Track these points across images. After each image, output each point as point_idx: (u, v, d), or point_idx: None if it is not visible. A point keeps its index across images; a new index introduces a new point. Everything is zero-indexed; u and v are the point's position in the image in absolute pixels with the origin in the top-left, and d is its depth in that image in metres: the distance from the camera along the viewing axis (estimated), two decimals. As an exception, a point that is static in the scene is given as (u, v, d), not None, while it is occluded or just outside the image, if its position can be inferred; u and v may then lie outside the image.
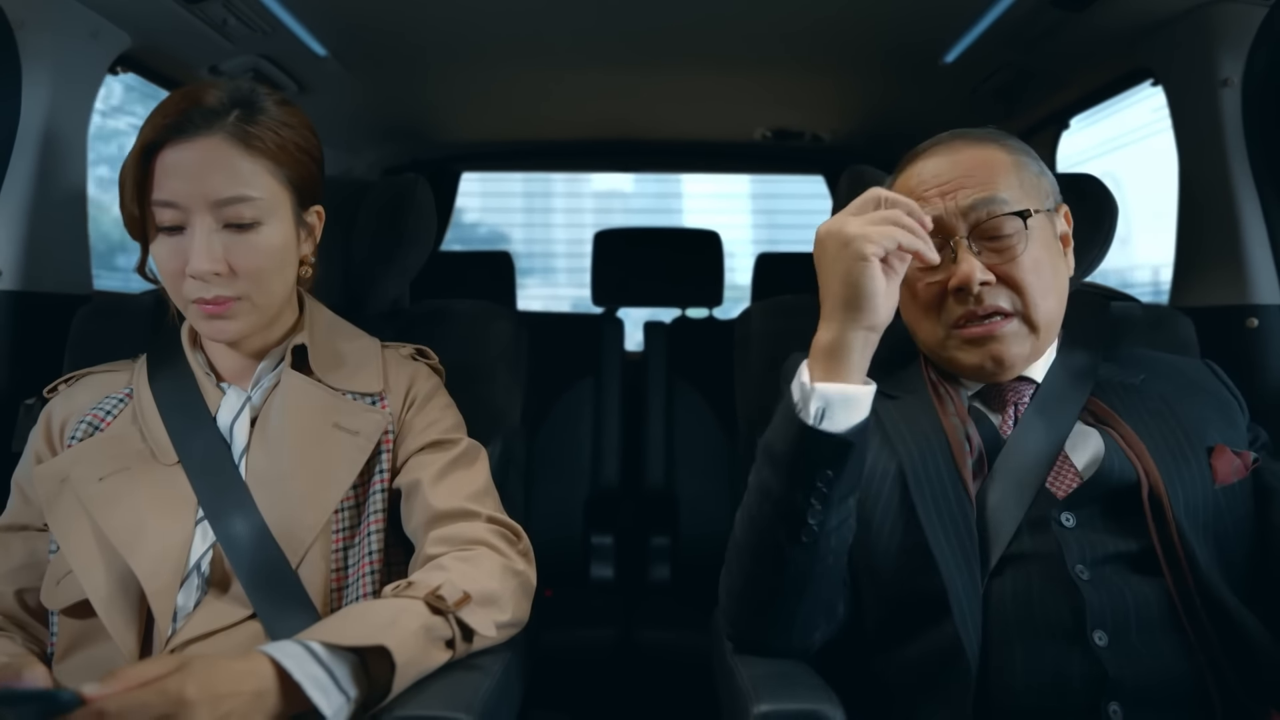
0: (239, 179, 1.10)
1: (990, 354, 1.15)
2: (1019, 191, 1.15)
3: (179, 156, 1.08)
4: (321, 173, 1.24)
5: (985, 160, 1.18)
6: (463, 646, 1.03)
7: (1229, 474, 1.10)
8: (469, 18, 1.99)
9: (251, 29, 1.96)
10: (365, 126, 2.91)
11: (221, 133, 1.10)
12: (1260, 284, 1.67)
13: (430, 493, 1.16)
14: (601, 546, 2.54)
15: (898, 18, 1.97)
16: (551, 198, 8.49)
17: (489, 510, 1.18)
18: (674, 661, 2.09)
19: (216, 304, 1.11)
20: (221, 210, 1.09)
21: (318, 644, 0.91)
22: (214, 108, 1.10)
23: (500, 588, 1.09)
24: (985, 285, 1.12)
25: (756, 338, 1.61)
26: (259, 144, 1.12)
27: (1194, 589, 1.02)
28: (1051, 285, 1.16)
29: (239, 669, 0.87)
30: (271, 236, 1.14)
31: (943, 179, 1.17)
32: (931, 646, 1.06)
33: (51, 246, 1.69)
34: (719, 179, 7.89)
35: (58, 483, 1.13)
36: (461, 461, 1.22)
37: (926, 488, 1.11)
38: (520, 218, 8.43)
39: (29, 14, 1.62)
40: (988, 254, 1.14)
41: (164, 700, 0.79)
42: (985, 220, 1.13)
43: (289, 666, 0.87)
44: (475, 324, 1.55)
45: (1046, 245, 1.16)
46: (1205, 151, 1.74)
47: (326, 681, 0.89)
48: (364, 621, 0.97)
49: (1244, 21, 1.66)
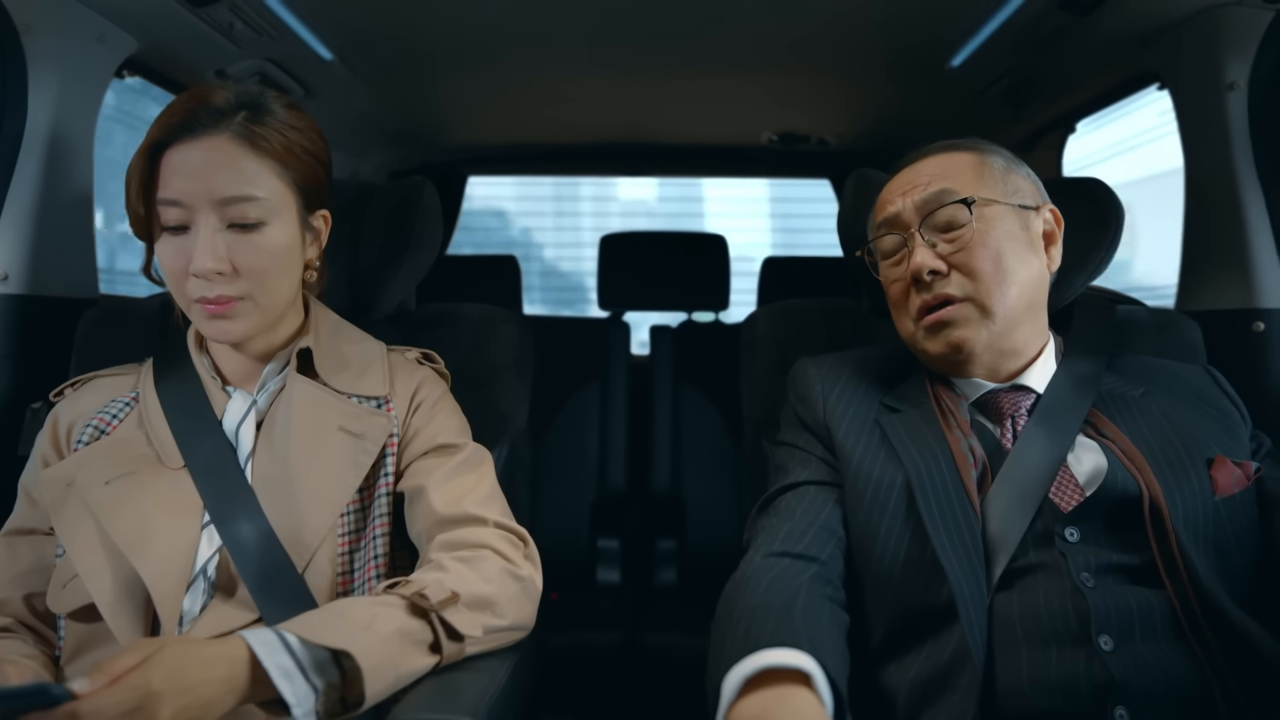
0: (244, 178, 1.10)
1: (948, 340, 1.18)
2: (974, 185, 1.20)
3: (185, 155, 1.09)
4: (329, 177, 1.24)
5: (948, 161, 1.24)
6: (451, 649, 1.02)
7: (1229, 485, 1.11)
8: (476, 23, 2.00)
9: (258, 33, 1.97)
10: (371, 130, 2.92)
11: (228, 132, 1.10)
12: (1266, 288, 1.66)
13: (435, 498, 1.16)
14: (608, 550, 2.54)
15: (904, 22, 1.97)
16: (579, 201, 8.58)
17: (495, 516, 1.18)
18: (680, 665, 2.08)
19: (219, 303, 1.11)
20: (226, 209, 1.09)
21: (293, 635, 0.92)
22: (221, 107, 1.11)
23: (498, 591, 1.09)
24: (937, 274, 1.18)
25: (763, 341, 1.61)
26: (265, 144, 1.12)
27: (1195, 599, 1.02)
28: (1011, 276, 1.17)
29: (211, 654, 0.87)
30: (276, 237, 1.14)
31: (907, 181, 1.25)
32: (938, 654, 1.06)
33: (57, 250, 1.70)
34: (738, 184, 7.99)
35: (64, 487, 1.13)
36: (466, 466, 1.22)
37: (933, 499, 1.11)
38: (550, 221, 8.53)
39: (35, 18, 1.62)
40: (943, 245, 1.19)
41: (132, 695, 0.80)
42: (934, 211, 1.19)
43: (260, 653, 0.88)
44: (482, 328, 1.56)
45: (1010, 237, 1.18)
46: (1211, 155, 1.74)
47: (294, 671, 0.90)
48: (343, 619, 0.96)
49: (1250, 25, 1.66)
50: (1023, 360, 1.23)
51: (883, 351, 1.35)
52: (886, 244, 1.27)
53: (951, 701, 1.02)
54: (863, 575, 1.15)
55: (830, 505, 1.20)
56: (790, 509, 1.20)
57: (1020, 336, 1.21)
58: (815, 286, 2.81)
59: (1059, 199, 1.29)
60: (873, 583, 1.14)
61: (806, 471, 1.24)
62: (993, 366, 1.22)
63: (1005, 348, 1.20)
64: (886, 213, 1.25)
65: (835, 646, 0.98)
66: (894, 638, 1.12)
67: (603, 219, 8.41)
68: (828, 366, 1.32)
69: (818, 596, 1.05)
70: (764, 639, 0.93)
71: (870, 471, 1.18)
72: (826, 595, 1.07)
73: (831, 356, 1.35)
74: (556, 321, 2.94)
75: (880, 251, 1.29)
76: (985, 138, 1.32)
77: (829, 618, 1.03)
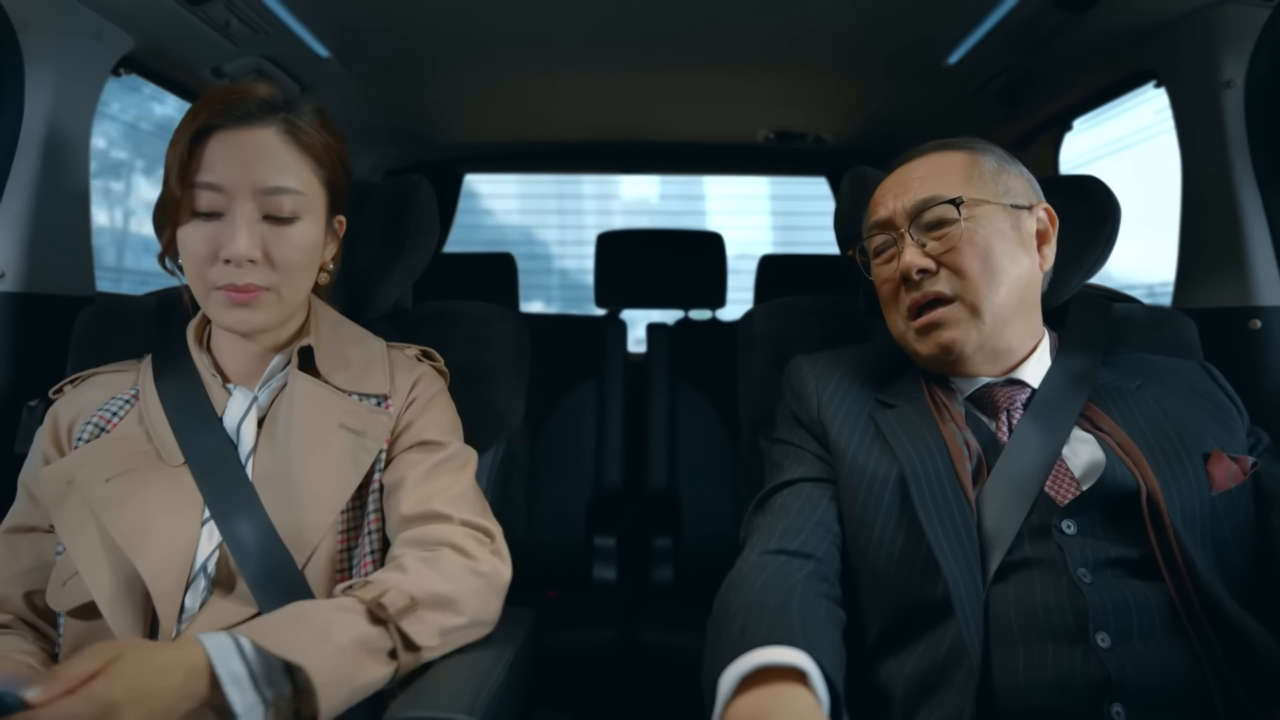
0: (286, 171, 1.13)
1: (938, 341, 1.19)
2: (964, 185, 1.21)
3: (231, 141, 1.11)
4: (349, 184, 1.26)
5: (939, 162, 1.25)
6: (407, 658, 1.02)
7: (1226, 480, 1.11)
8: (472, 20, 2.00)
9: (254, 30, 1.97)
10: (368, 128, 2.91)
11: (275, 124, 1.14)
12: (1263, 285, 1.67)
13: (408, 495, 1.17)
14: (604, 548, 2.54)
15: (901, 20, 1.97)
16: (582, 199, 8.61)
17: (463, 514, 1.17)
18: (676, 662, 2.09)
19: (246, 291, 1.11)
20: (265, 199, 1.11)
21: (248, 641, 0.91)
22: (269, 102, 1.14)
23: (458, 590, 1.08)
24: (926, 273, 1.19)
25: (759, 339, 1.61)
26: (307, 141, 1.16)
27: (1193, 594, 1.02)
28: (1000, 275, 1.18)
29: (168, 660, 0.87)
30: (307, 233, 1.16)
31: (897, 183, 1.26)
32: (934, 649, 1.06)
33: (54, 248, 1.70)
34: (740, 182, 8.01)
35: (64, 484, 1.13)
36: (446, 466, 1.22)
37: (927, 493, 1.11)
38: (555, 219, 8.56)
39: (32, 15, 1.62)
40: (932, 244, 1.20)
41: (91, 706, 0.80)
42: (923, 211, 1.20)
43: (213, 659, 0.88)
44: (478, 325, 1.56)
45: (1000, 236, 1.19)
46: (1208, 153, 1.74)
47: (245, 679, 0.90)
48: (299, 627, 0.96)
49: (1247, 23, 1.66)
50: (1016, 358, 1.23)
51: (877, 349, 1.35)
52: (877, 244, 1.28)
53: (948, 697, 1.02)
54: (858, 571, 1.15)
55: (826, 502, 1.20)
56: (786, 506, 1.20)
57: (1012, 335, 1.21)
58: (812, 284, 2.81)
59: (1055, 197, 1.29)
60: (868, 578, 1.15)
61: (802, 468, 1.24)
62: (985, 365, 1.22)
63: (997, 347, 1.21)
64: (878, 215, 1.26)
65: (831, 644, 0.99)
66: (890, 633, 1.13)
67: (605, 217, 8.45)
68: (822, 364, 1.33)
69: (813, 593, 1.05)
70: (759, 637, 0.93)
71: (865, 466, 1.18)
72: (822, 592, 1.07)
73: (826, 354, 1.35)
74: (553, 319, 2.94)
75: (872, 251, 1.30)
76: (982, 135, 1.32)
77: (825, 615, 1.03)
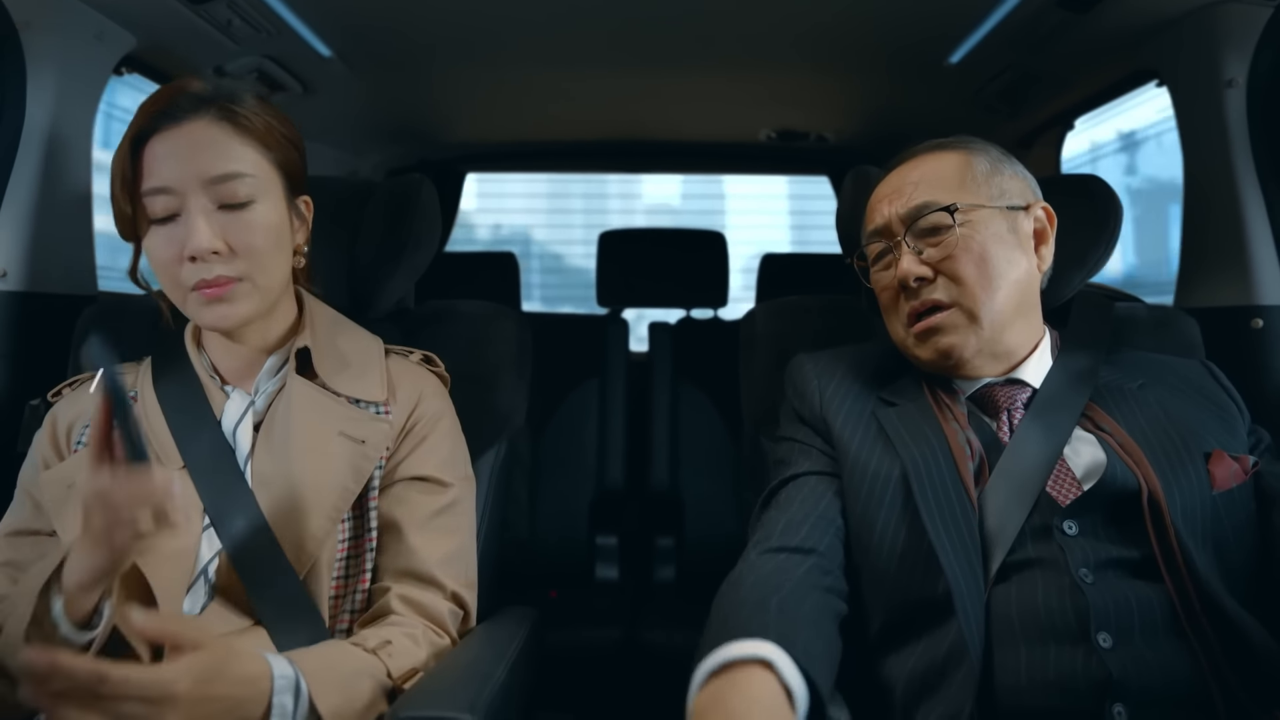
0: (230, 156, 1.11)
1: (937, 347, 1.20)
2: (957, 190, 1.21)
3: (169, 141, 1.10)
4: (305, 167, 1.25)
5: (933, 166, 1.24)
6: None
7: (1227, 480, 1.11)
8: (474, 19, 1.99)
9: (256, 29, 1.97)
10: (370, 127, 2.91)
11: (209, 115, 1.12)
12: (1265, 285, 1.66)
13: (406, 542, 1.18)
14: (606, 547, 2.54)
15: (903, 19, 1.97)
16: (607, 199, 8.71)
17: (454, 584, 1.19)
18: (679, 662, 2.07)
19: (217, 285, 1.10)
20: (215, 189, 1.10)
21: (305, 686, 0.94)
22: (200, 94, 1.13)
23: (423, 665, 1.11)
24: (924, 280, 1.19)
25: (761, 338, 1.61)
26: (246, 124, 1.14)
27: (1194, 594, 1.02)
28: (998, 279, 1.18)
29: (240, 673, 0.89)
30: (266, 214, 1.14)
31: (892, 188, 1.26)
32: (935, 648, 1.06)
33: (56, 247, 1.70)
34: (757, 181, 8.11)
35: (65, 488, 1.12)
36: (447, 515, 1.22)
37: (930, 491, 1.11)
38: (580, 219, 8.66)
39: (34, 15, 1.62)
40: (929, 251, 1.20)
41: (153, 691, 0.81)
42: (918, 218, 1.20)
43: (275, 689, 0.92)
44: (480, 325, 1.55)
45: (997, 239, 1.19)
46: (1210, 152, 1.74)
47: (289, 716, 0.93)
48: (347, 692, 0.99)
49: (1249, 22, 1.65)
50: (1016, 358, 1.23)
51: (879, 348, 1.35)
52: (875, 251, 1.28)
53: (948, 695, 1.02)
54: (861, 568, 1.15)
55: (829, 495, 1.20)
56: (789, 500, 1.20)
57: (1011, 337, 1.21)
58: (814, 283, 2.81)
59: (1057, 196, 1.29)
60: (870, 575, 1.15)
61: (806, 463, 1.24)
62: (986, 366, 1.22)
63: (996, 350, 1.21)
64: (875, 223, 1.27)
65: (817, 635, 0.99)
66: (892, 630, 1.13)
67: (628, 216, 8.57)
68: (824, 362, 1.33)
69: (808, 587, 1.06)
70: (734, 632, 0.94)
71: (867, 464, 1.18)
72: (823, 585, 1.08)
73: (828, 353, 1.35)
74: (555, 318, 2.94)
75: (870, 258, 1.30)
76: (983, 134, 1.32)
77: (814, 606, 1.03)
